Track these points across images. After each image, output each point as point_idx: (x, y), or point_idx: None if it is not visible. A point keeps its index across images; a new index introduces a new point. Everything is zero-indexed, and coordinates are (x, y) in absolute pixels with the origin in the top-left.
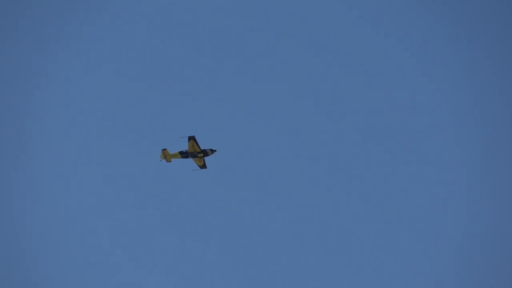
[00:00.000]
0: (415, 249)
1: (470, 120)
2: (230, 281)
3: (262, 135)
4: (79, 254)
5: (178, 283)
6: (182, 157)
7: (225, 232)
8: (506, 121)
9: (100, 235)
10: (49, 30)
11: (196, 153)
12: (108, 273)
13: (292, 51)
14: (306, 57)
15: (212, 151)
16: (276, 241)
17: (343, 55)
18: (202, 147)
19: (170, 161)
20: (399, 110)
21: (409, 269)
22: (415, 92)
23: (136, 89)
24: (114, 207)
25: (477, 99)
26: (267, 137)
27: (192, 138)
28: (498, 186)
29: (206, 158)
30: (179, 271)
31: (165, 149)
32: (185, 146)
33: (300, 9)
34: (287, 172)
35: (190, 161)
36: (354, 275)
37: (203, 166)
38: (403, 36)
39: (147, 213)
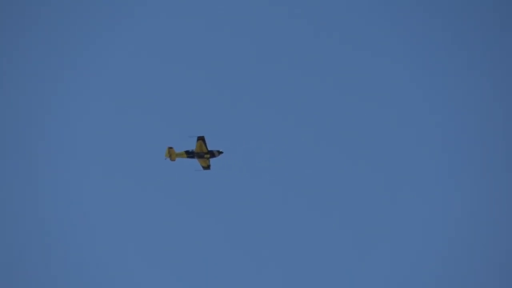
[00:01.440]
0: (413, 249)
1: (469, 120)
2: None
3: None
4: (81, 255)
5: (181, 282)
6: (188, 157)
7: (223, 232)
8: (506, 121)
9: (99, 235)
10: (51, 31)
11: (203, 153)
12: (107, 274)
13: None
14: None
15: (219, 152)
16: (279, 239)
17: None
18: (209, 148)
19: (174, 160)
20: (398, 110)
21: (406, 270)
22: (413, 92)
23: (138, 90)
24: (115, 207)
25: (477, 99)
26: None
27: (201, 139)
28: (498, 186)
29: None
30: (180, 270)
31: (171, 148)
32: (191, 146)
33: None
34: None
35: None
36: (351, 275)
37: (207, 167)
38: (403, 36)
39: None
